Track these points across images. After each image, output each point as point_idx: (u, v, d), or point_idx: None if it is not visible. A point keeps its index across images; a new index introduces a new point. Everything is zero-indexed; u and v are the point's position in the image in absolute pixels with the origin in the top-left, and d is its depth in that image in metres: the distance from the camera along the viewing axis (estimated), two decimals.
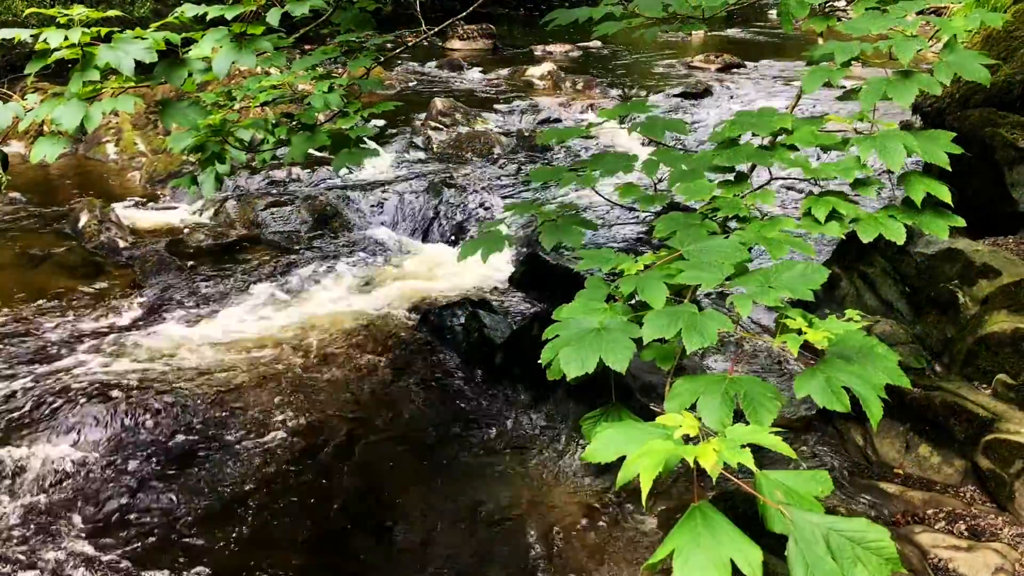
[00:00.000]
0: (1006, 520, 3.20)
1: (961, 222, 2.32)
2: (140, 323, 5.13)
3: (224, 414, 4.16)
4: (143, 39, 2.76)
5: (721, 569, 1.23)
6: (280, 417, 4.17)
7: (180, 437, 4.01)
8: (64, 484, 3.69)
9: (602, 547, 3.28)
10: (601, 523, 3.39)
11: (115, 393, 4.25)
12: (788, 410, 4.03)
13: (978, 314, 4.03)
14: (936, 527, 3.18)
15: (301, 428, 4.09)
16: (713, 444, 1.29)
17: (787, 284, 1.86)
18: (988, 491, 3.37)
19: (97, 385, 4.34)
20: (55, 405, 4.16)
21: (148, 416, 4.10)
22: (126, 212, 6.90)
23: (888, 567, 1.26)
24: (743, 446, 1.32)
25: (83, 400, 4.19)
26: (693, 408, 1.59)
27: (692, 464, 1.28)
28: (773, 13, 16.40)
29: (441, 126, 8.53)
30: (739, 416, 1.63)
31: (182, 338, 4.95)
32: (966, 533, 3.14)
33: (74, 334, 4.92)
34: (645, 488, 1.25)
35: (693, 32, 14.05)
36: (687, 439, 1.39)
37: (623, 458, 1.42)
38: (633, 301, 2.03)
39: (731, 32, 15.03)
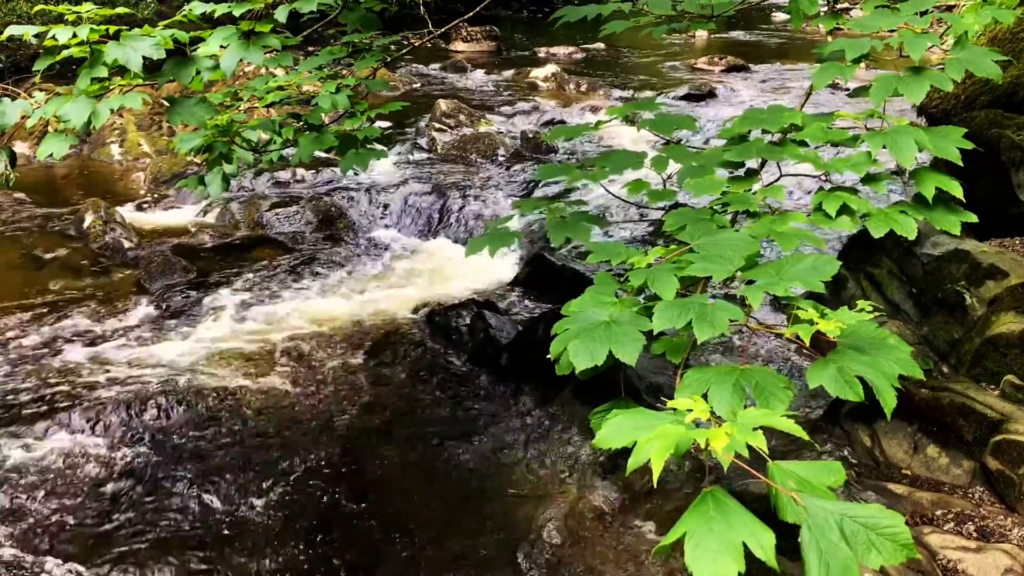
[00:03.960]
0: (1015, 521, 3.18)
1: (973, 217, 2.31)
2: (145, 323, 5.13)
3: (229, 413, 4.16)
4: (151, 36, 2.76)
5: (733, 552, 1.22)
6: (283, 416, 4.17)
7: (183, 436, 4.01)
8: (66, 484, 3.68)
9: (610, 549, 3.26)
10: (609, 525, 3.37)
11: (119, 393, 4.25)
12: (796, 411, 4.02)
13: (985, 315, 4.01)
14: (945, 528, 3.16)
15: (304, 428, 4.09)
16: (725, 428, 1.28)
17: (798, 276, 1.85)
18: (997, 492, 3.35)
19: (101, 386, 4.34)
20: (59, 405, 4.16)
21: (152, 416, 4.10)
22: (131, 213, 6.90)
23: (903, 552, 1.25)
24: (755, 429, 1.31)
25: (87, 401, 4.19)
26: (705, 399, 1.58)
27: (704, 447, 1.27)
28: (777, 16, 16.40)
29: (445, 127, 8.52)
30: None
31: (187, 338, 4.95)
32: (975, 534, 3.13)
33: (79, 335, 4.92)
34: (656, 470, 1.24)
35: (697, 34, 14.06)
36: (698, 424, 1.37)
37: (629, 450, 1.40)
38: (643, 295, 2.02)
39: (735, 34, 15.02)
